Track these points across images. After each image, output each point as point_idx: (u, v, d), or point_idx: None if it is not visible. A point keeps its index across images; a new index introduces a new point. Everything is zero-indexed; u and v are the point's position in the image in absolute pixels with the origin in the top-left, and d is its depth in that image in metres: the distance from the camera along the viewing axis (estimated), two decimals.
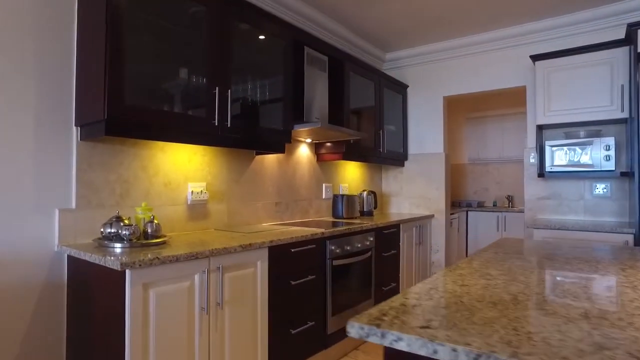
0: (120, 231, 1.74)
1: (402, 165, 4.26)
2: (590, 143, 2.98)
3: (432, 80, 4.10)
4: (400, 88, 4.14)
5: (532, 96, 3.53)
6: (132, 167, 2.04)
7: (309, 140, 3.23)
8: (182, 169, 2.27)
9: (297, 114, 2.76)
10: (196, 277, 1.67)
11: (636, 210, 2.60)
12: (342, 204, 3.38)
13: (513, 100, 5.36)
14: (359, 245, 2.79)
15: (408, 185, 4.25)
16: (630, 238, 2.65)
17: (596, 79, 2.99)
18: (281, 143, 2.58)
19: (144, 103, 1.79)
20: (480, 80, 3.81)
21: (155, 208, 2.13)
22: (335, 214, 3.42)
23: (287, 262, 2.16)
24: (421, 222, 3.88)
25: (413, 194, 4.22)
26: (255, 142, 2.35)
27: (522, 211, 4.85)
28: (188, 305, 1.63)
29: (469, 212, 5.23)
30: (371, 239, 2.95)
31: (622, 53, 2.91)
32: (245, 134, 2.23)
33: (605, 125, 3.14)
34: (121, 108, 1.66)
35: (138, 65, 1.78)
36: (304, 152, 3.26)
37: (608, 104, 2.95)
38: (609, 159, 2.91)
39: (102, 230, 1.77)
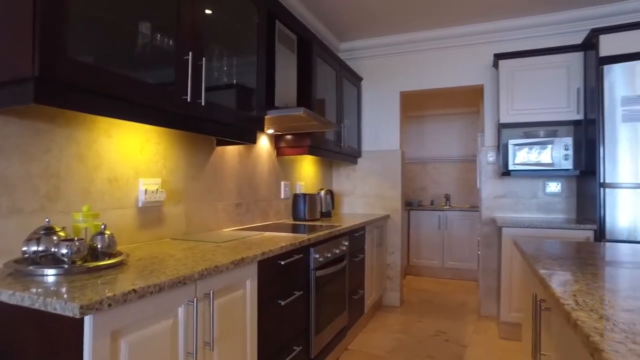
0: (56, 249, 1.17)
1: (355, 162, 4.03)
2: (551, 142, 3.03)
3: (388, 74, 3.93)
4: (356, 80, 3.89)
5: (491, 95, 3.54)
6: (65, 155, 1.44)
7: (270, 131, 2.80)
8: (132, 160, 1.70)
9: (268, 98, 2.32)
10: (180, 311, 1.18)
11: (596, 207, 2.68)
12: (305, 204, 3.01)
13: (454, 100, 5.48)
14: (337, 252, 2.46)
15: (362, 183, 4.03)
16: (591, 234, 2.73)
17: (555, 81, 3.06)
18: (253, 131, 2.13)
19: (94, 59, 1.24)
20: (438, 76, 3.73)
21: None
22: (296, 216, 3.03)
23: (276, 277, 1.74)
24: (380, 223, 3.68)
25: (367, 192, 4.01)
26: (229, 128, 1.88)
27: (463, 210, 4.96)
28: (171, 352, 1.14)
29: (410, 211, 5.21)
30: (346, 243, 2.63)
31: (578, 58, 3.01)
32: (220, 116, 1.75)
33: (561, 126, 3.24)
34: (62, 61, 1.10)
35: (83, 6, 1.23)
36: (264, 144, 2.82)
37: (565, 106, 3.03)
38: (568, 158, 2.98)
39: (24, 248, 1.18)
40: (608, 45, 2.71)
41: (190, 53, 1.54)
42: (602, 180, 2.67)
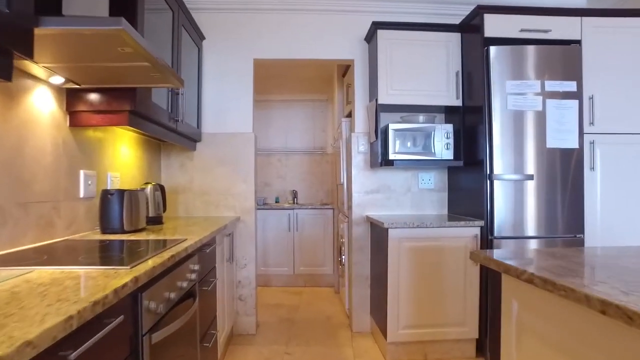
0: None
1: (194, 148, 3.00)
2: (432, 129, 2.70)
3: (239, 36, 3.03)
4: (197, 38, 2.87)
5: (362, 73, 3.04)
6: None
7: (57, 80, 1.57)
8: None
9: None
10: None
11: (484, 202, 2.44)
12: (122, 207, 1.88)
13: (302, 85, 4.90)
14: (184, 285, 1.47)
15: (202, 176, 3.03)
16: (477, 231, 2.47)
17: (435, 61, 2.75)
18: (9, 54, 0.98)
19: None
20: (301, 46, 3.04)
21: None
22: (107, 226, 1.86)
23: None
24: (231, 229, 2.78)
25: (209, 188, 3.03)
26: None
27: (315, 207, 4.44)
28: None
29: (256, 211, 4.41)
30: (196, 267, 1.66)
31: (456, 39, 2.76)
32: None
33: (439, 112, 2.96)
34: None
35: None
36: (42, 104, 1.58)
37: (445, 90, 2.75)
38: (449, 147, 2.70)
39: None
40: (492, 25, 2.48)
41: None
42: (489, 172, 2.43)
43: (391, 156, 2.65)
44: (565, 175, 2.42)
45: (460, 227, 2.44)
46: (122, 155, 2.33)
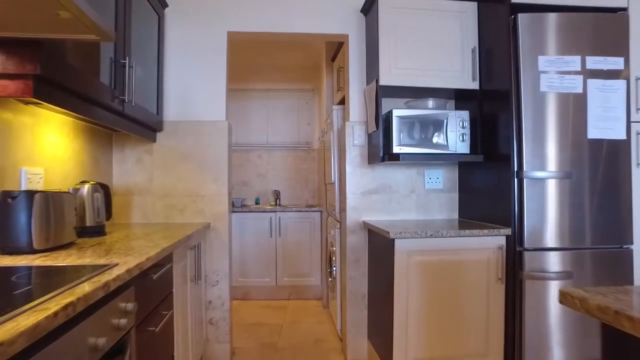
0: None
1: (153, 139, 2.45)
2: (445, 116, 2.22)
3: (211, 4, 2.50)
4: (157, 3, 2.32)
5: (358, 51, 2.54)
6: None
7: None
8: None
9: None
10: None
11: (512, 205, 1.97)
12: (32, 215, 1.32)
13: (286, 73, 4.37)
14: (100, 343, 0.93)
15: (164, 173, 2.48)
16: (503, 241, 2.00)
17: (447, 35, 2.27)
18: None
19: None
20: (285, 18, 2.52)
21: None
22: (7, 243, 1.30)
23: None
24: (198, 239, 2.24)
25: (172, 189, 2.48)
26: None
27: (300, 210, 3.92)
28: None
29: (232, 214, 3.88)
30: (130, 306, 1.12)
31: (472, 9, 2.30)
32: None
33: (451, 98, 2.49)
34: None
35: None
36: None
37: (459, 70, 2.27)
38: (465, 138, 2.23)
39: None
40: None
41: None
42: (517, 169, 1.96)
43: (395, 149, 2.16)
44: (610, 172, 1.97)
45: (483, 236, 1.96)
46: (49, 146, 1.77)
